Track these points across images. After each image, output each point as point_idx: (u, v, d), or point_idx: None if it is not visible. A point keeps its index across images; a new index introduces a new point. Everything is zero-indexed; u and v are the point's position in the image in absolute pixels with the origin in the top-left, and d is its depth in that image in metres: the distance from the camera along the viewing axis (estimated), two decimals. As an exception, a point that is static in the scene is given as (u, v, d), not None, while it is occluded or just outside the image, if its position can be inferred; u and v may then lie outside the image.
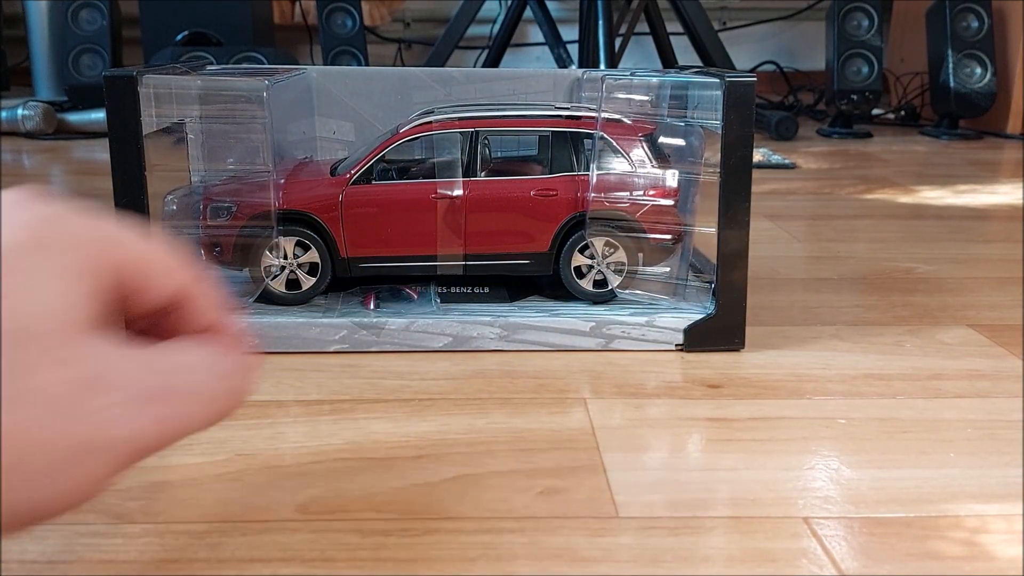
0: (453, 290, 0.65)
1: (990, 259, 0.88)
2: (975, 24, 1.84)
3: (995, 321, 0.68)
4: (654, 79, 0.64)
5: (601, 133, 0.62)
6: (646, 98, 0.64)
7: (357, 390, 0.54)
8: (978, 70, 1.84)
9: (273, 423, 0.49)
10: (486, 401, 0.53)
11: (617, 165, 0.62)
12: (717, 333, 0.61)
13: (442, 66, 1.69)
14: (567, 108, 0.64)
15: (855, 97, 1.84)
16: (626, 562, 0.37)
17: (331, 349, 0.60)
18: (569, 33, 2.00)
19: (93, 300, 0.26)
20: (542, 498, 0.42)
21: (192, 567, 0.36)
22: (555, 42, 1.96)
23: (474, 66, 2.30)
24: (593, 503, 0.42)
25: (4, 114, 1.71)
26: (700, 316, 0.61)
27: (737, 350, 0.61)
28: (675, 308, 0.62)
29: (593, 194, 0.61)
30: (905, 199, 1.20)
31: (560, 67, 1.95)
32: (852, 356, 0.61)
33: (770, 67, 2.38)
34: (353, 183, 0.62)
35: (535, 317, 0.61)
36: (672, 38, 1.88)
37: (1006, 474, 0.45)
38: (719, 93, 0.57)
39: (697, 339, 0.61)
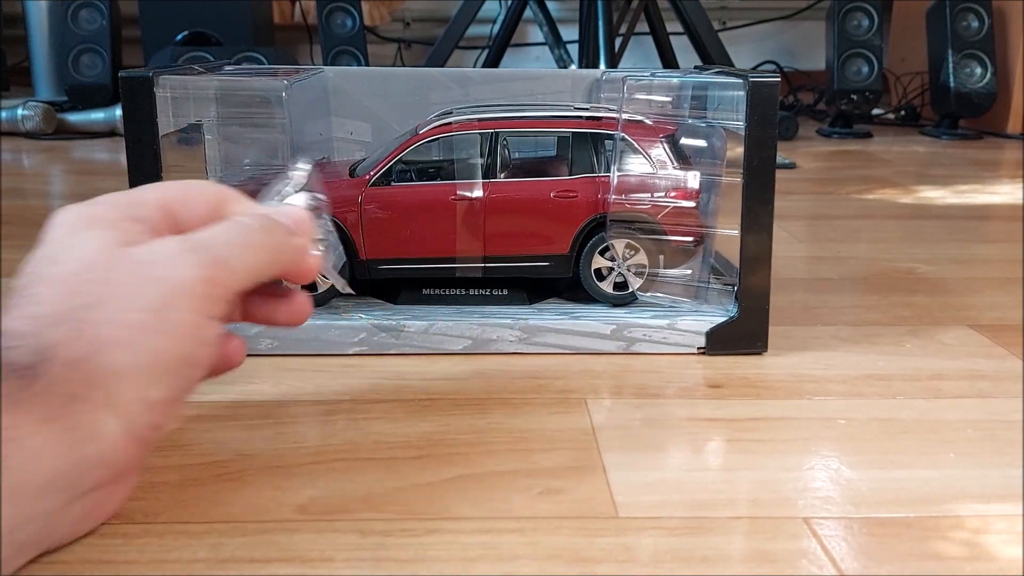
0: (472, 292, 0.64)
1: (991, 259, 0.88)
2: (975, 24, 1.84)
3: (996, 321, 0.68)
4: (675, 79, 0.63)
5: (622, 134, 0.61)
6: (667, 99, 0.62)
7: (358, 390, 0.54)
8: (978, 70, 1.84)
9: (273, 423, 0.49)
10: (486, 401, 0.53)
11: (638, 166, 0.61)
12: (739, 336, 0.60)
13: (442, 66, 1.69)
14: (587, 109, 0.63)
15: (855, 97, 1.84)
16: (626, 562, 0.37)
17: (350, 351, 0.59)
18: (569, 33, 2.00)
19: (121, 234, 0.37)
20: (542, 498, 0.42)
21: (192, 567, 0.36)
22: (555, 42, 1.96)
23: (474, 66, 2.30)
24: (593, 503, 0.42)
25: (4, 114, 1.71)
26: (722, 319, 0.60)
27: (759, 354, 0.60)
28: (697, 311, 0.61)
29: (614, 196, 0.60)
30: (905, 199, 1.20)
31: (560, 67, 1.95)
32: (852, 356, 0.60)
33: (770, 67, 2.38)
34: (372, 185, 0.61)
35: (555, 320, 0.60)
36: (672, 38, 1.88)
37: (1007, 474, 0.45)
38: (740, 94, 0.57)
39: (719, 342, 0.60)
